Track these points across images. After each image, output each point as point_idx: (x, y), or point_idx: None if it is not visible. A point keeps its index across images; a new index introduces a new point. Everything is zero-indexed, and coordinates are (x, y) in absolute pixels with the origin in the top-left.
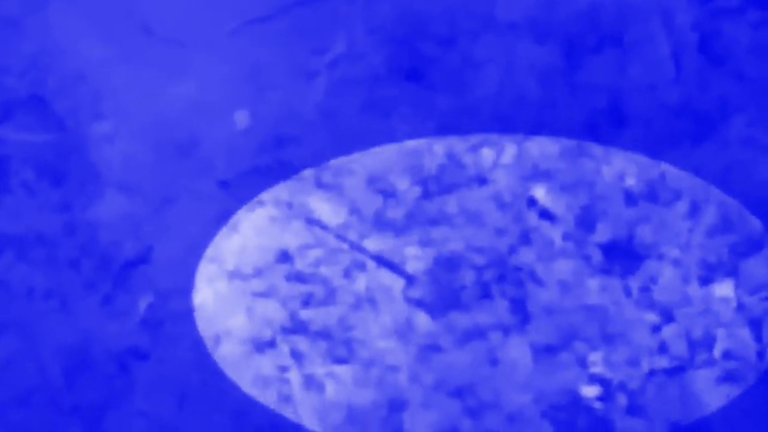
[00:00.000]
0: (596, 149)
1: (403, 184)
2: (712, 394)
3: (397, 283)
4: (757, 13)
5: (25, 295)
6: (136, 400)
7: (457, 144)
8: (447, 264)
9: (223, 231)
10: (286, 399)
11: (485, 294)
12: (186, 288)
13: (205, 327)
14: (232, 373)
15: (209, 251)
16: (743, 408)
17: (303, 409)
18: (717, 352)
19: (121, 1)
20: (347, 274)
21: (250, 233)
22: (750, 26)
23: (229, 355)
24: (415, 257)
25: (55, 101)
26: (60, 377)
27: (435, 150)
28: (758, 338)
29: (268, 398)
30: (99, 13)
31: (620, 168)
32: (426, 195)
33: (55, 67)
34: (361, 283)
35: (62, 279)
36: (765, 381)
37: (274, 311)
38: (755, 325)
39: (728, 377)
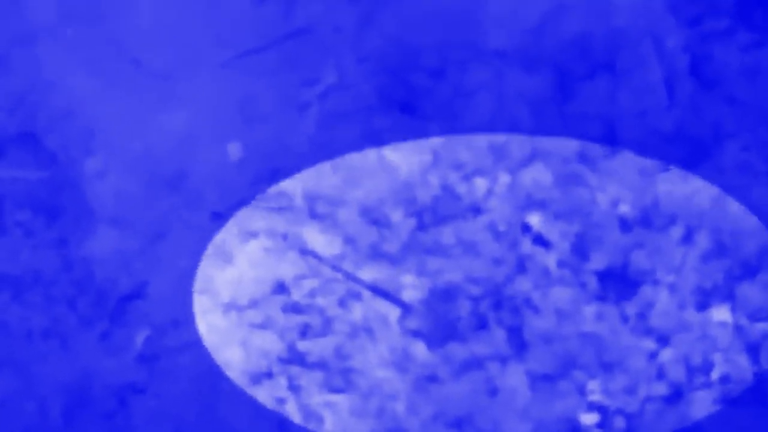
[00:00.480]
0: (590, 176)
1: (397, 215)
2: (710, 418)
3: (393, 313)
4: (747, 35)
5: (24, 335)
6: None
7: (451, 174)
8: (443, 295)
9: (219, 262)
10: (287, 430)
11: (482, 324)
12: (182, 321)
13: (202, 359)
14: (231, 405)
15: (205, 284)
16: (740, 430)
17: None
18: (715, 377)
19: (110, 34)
20: (343, 303)
21: (245, 265)
22: (740, 49)
23: (227, 387)
24: (411, 286)
25: (46, 137)
26: (60, 416)
27: (429, 180)
28: (756, 362)
29: (268, 430)
30: (87, 47)
31: (614, 195)
32: (421, 226)
33: (44, 103)
34: (357, 312)
35: (59, 316)
36: (763, 404)
37: (271, 342)
38: (753, 349)
39: (726, 402)
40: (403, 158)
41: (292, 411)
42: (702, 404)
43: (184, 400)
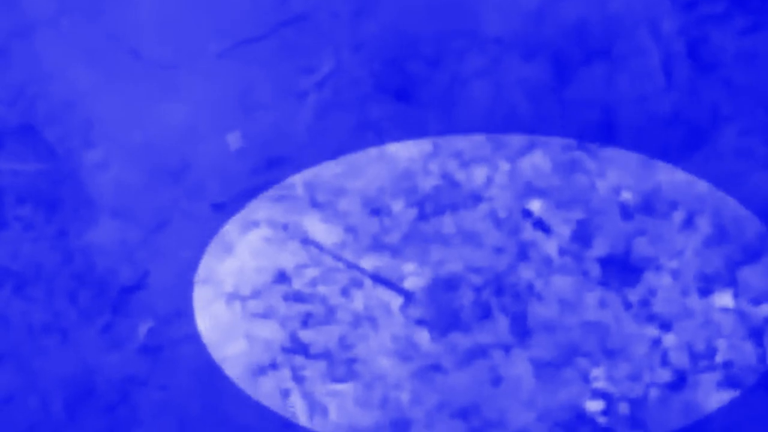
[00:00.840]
0: (590, 163)
1: (397, 204)
2: (715, 404)
3: (395, 301)
4: (743, 19)
5: (25, 329)
6: (140, 429)
7: (450, 162)
8: (446, 284)
9: (220, 253)
10: (290, 420)
11: (485, 313)
12: (184, 311)
13: (205, 350)
14: (235, 396)
15: (206, 274)
16: (745, 415)
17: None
18: (718, 363)
19: (109, 26)
20: (345, 292)
21: (246, 255)
22: (736, 33)
23: (230, 377)
24: (413, 275)
25: (45, 130)
26: (62, 410)
27: (428, 169)
28: (759, 345)
29: (271, 420)
30: (86, 39)
31: (615, 181)
32: (421, 214)
33: (44, 95)
34: (359, 301)
35: (61, 310)
36: (766, 388)
37: (273, 332)
38: (756, 334)
39: (730, 387)
40: (403, 147)
41: (296, 401)
42: (706, 390)
43: (187, 392)
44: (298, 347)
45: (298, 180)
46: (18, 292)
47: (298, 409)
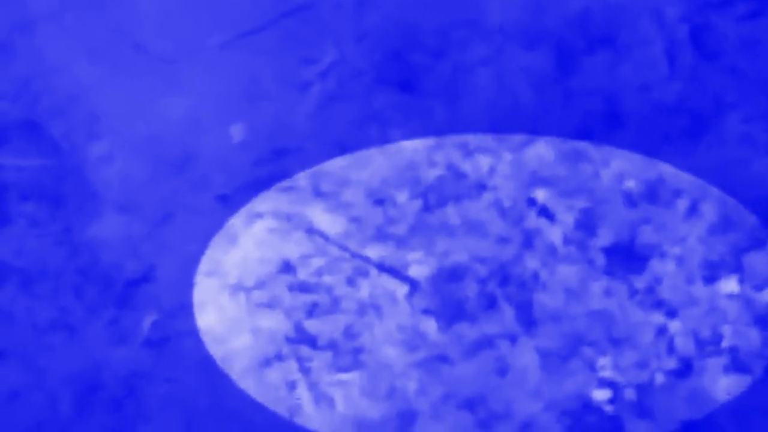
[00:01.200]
0: (593, 152)
1: (402, 194)
2: (721, 392)
3: (400, 290)
4: (745, 6)
5: (31, 326)
6: (147, 424)
7: (454, 153)
8: (451, 275)
9: (224, 244)
10: (296, 412)
11: (491, 303)
12: (189, 304)
13: (210, 343)
14: (241, 388)
15: (211, 266)
16: (753, 403)
17: (313, 423)
18: (724, 349)
19: (111, 19)
20: (350, 281)
21: (251, 245)
22: (739, 19)
23: (236, 370)
24: (419, 265)
25: (49, 124)
26: (70, 407)
27: (432, 159)
28: (765, 331)
29: (277, 413)
30: (89, 33)
31: (619, 170)
32: (426, 205)
33: (47, 90)
34: (364, 290)
35: (66, 306)
36: None
37: (279, 322)
38: (761, 319)
39: (737, 374)
40: (406, 136)
41: (302, 392)
42: (712, 376)
43: (193, 385)
44: (303, 337)
45: (301, 171)
46: (23, 289)
47: (304, 400)
